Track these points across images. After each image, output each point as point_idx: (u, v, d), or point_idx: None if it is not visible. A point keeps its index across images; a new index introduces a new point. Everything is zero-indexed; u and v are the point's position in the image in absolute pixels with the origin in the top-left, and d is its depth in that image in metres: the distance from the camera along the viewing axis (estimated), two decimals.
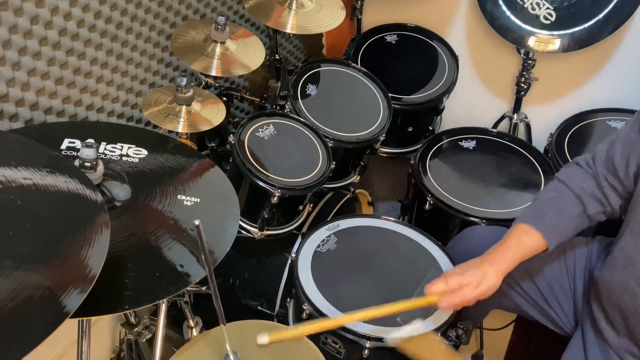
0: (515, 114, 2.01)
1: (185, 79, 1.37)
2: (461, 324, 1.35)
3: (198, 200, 1.10)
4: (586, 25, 1.71)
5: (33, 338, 0.68)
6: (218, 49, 1.50)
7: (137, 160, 1.16)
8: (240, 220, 1.48)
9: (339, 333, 1.25)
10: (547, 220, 1.17)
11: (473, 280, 1.13)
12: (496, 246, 1.17)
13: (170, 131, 1.43)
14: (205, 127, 1.41)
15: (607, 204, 1.17)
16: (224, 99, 1.73)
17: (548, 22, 1.75)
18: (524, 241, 1.16)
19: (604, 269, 1.16)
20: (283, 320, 1.52)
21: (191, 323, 1.36)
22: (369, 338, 1.23)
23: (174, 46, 1.49)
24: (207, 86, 1.63)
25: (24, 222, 0.81)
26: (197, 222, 0.83)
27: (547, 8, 1.74)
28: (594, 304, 1.19)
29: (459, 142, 1.82)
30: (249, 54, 1.55)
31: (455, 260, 1.41)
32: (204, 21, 1.63)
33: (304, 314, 1.29)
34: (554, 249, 1.17)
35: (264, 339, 1.00)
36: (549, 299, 1.29)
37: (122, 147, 1.19)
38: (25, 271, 0.74)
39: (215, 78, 1.64)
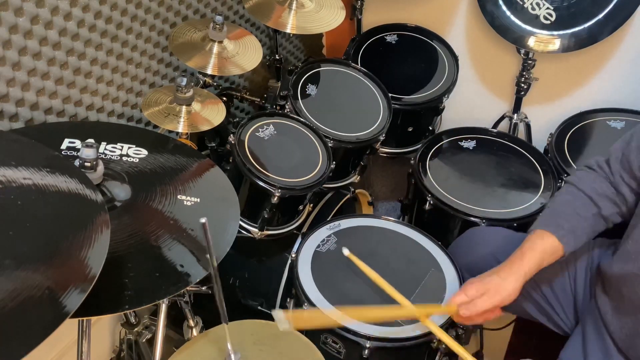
0: (515, 114, 2.01)
1: (185, 79, 1.37)
2: (461, 324, 1.35)
3: (198, 200, 1.10)
4: (586, 25, 1.71)
5: (33, 338, 0.68)
6: (215, 47, 1.50)
7: (137, 160, 1.16)
8: (240, 220, 1.48)
9: (339, 333, 1.25)
10: (561, 223, 1.16)
11: (491, 287, 1.12)
12: (513, 253, 1.17)
13: (170, 131, 1.43)
14: (205, 127, 1.41)
15: (623, 203, 1.17)
16: (224, 99, 1.73)
17: (548, 22, 1.75)
18: (539, 246, 1.15)
19: (614, 263, 1.16)
20: None
21: (191, 323, 1.36)
22: (369, 338, 1.23)
23: (173, 44, 1.49)
24: (206, 85, 1.63)
25: (24, 222, 0.81)
26: (203, 220, 0.83)
27: (547, 8, 1.74)
28: (601, 298, 1.19)
29: (459, 142, 1.82)
30: (247, 54, 1.55)
31: (457, 261, 1.41)
32: (202, 20, 1.63)
33: None
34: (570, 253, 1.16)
35: (284, 324, 0.98)
36: (550, 298, 1.29)
37: (122, 147, 1.18)
38: (25, 271, 0.74)
39: (213, 77, 1.64)
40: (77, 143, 1.15)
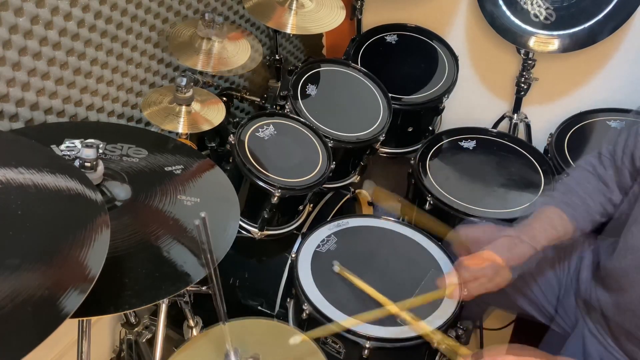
0: (515, 114, 2.01)
1: (185, 79, 1.37)
2: (461, 324, 1.35)
3: (198, 200, 1.10)
4: (586, 25, 1.71)
5: (33, 338, 0.68)
6: (215, 47, 1.50)
7: (137, 160, 1.16)
8: (240, 220, 1.48)
9: (339, 333, 1.25)
10: (575, 205, 1.17)
11: (487, 273, 1.13)
12: (522, 227, 1.18)
13: (170, 131, 1.43)
14: (205, 127, 1.41)
15: (613, 202, 1.18)
16: (224, 99, 1.73)
17: (548, 22, 1.75)
18: (556, 224, 1.16)
19: (614, 258, 1.16)
20: (283, 320, 1.52)
21: (191, 323, 1.36)
22: (368, 338, 1.23)
23: (173, 44, 1.49)
24: (206, 85, 1.63)
25: (24, 222, 0.81)
26: (203, 214, 0.82)
27: (547, 8, 1.74)
28: (601, 294, 1.19)
29: (459, 142, 1.82)
30: (247, 54, 1.55)
31: (452, 258, 1.41)
32: (202, 20, 1.63)
33: (304, 314, 1.29)
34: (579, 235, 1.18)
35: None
36: (550, 297, 1.30)
37: (122, 147, 1.19)
38: (25, 271, 0.74)
39: (213, 77, 1.64)
40: (77, 143, 1.15)
